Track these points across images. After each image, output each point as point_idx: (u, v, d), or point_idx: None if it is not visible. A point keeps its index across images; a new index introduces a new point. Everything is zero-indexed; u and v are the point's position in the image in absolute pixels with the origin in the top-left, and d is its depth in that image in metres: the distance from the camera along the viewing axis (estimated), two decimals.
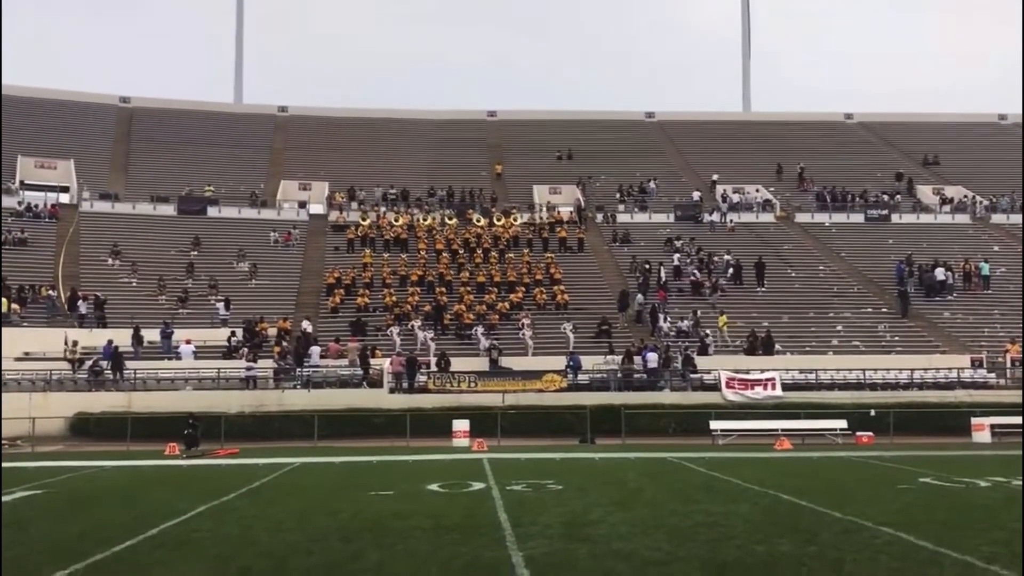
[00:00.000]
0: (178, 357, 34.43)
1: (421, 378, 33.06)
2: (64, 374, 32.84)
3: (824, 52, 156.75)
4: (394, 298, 39.85)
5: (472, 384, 32.78)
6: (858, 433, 28.53)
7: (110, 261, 43.45)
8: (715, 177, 58.02)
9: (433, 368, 33.58)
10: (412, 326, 37.14)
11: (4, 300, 36.15)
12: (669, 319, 38.60)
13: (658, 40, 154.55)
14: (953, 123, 68.97)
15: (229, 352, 34.87)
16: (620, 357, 34.37)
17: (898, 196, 56.16)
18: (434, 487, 16.25)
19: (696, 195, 55.35)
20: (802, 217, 53.21)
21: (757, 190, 56.31)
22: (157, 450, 25.97)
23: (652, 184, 56.94)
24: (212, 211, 50.75)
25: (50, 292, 38.36)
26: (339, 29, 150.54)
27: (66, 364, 33.22)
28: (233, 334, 35.78)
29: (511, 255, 45.33)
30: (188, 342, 34.73)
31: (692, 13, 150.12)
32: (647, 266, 43.29)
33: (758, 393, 32.43)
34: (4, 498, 15.23)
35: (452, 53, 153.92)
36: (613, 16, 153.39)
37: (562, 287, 41.67)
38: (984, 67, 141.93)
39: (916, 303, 41.44)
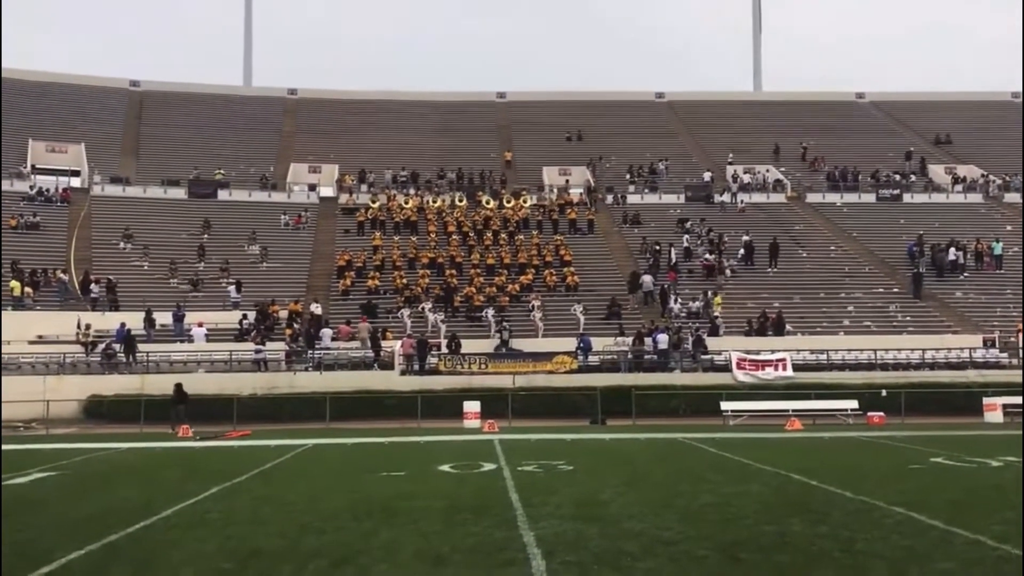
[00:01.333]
0: (190, 340, 34.59)
1: (432, 360, 33.14)
2: (77, 357, 33.04)
3: (835, 31, 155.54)
4: (404, 280, 39.90)
5: (483, 366, 32.84)
6: (869, 413, 28.47)
7: (122, 244, 43.59)
8: (731, 157, 57.73)
9: (444, 350, 33.65)
10: (423, 308, 37.19)
11: (16, 284, 36.37)
12: (680, 300, 38.54)
13: (668, 19, 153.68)
14: (965, 102, 68.34)
15: (241, 335, 35.00)
16: (631, 338, 34.37)
17: (912, 176, 55.80)
18: (445, 468, 16.32)
19: (707, 176, 55.12)
20: (813, 197, 52.94)
21: (768, 170, 56.06)
22: (170, 432, 26.13)
23: (662, 165, 56.72)
24: (223, 194, 50.84)
25: (61, 275, 38.53)
26: (348, 11, 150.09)
27: (79, 347, 33.42)
28: (245, 317, 35.90)
29: (521, 237, 45.27)
30: (200, 325, 34.87)
31: None
32: (657, 247, 43.18)
33: (769, 374, 32.39)
34: (19, 480, 15.37)
35: (462, 34, 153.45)
36: None
37: (572, 269, 41.62)
38: (997, 45, 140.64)
39: (928, 283, 41.26)
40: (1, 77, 55.76)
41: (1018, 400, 28.71)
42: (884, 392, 30.01)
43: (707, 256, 42.96)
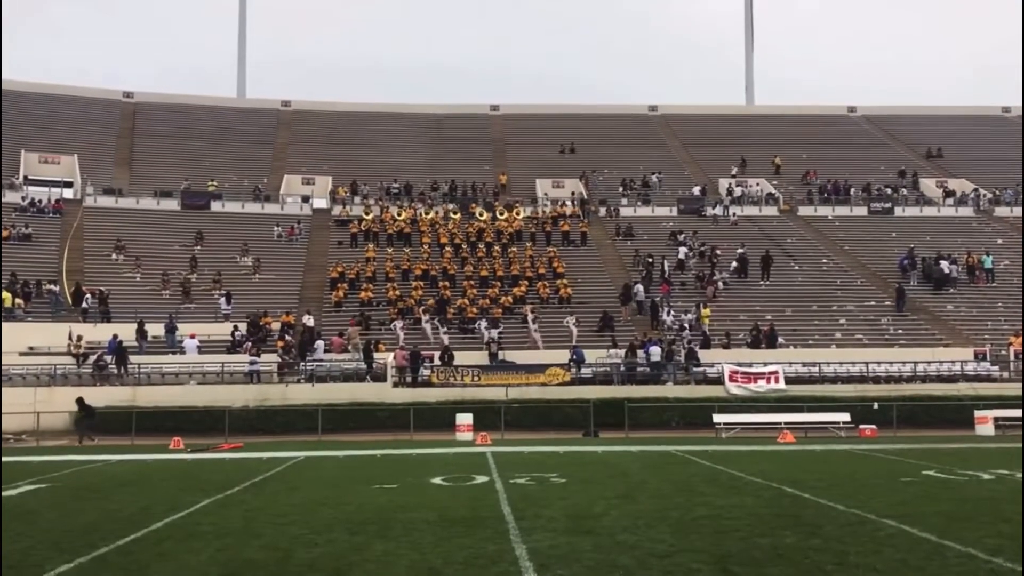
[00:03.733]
0: (182, 351, 34.50)
1: (425, 372, 33.09)
2: (69, 369, 32.95)
3: (827, 45, 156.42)
4: (397, 292, 39.88)
5: (475, 378, 32.82)
6: (861, 426, 28.54)
7: (114, 256, 43.49)
8: (734, 171, 57.85)
9: (437, 362, 33.61)
10: (422, 320, 37.06)
11: (8, 295, 36.23)
12: (672, 312, 38.60)
13: (661, 33, 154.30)
14: (956, 116, 68.82)
15: (233, 346, 34.92)
16: (623, 351, 34.40)
17: (903, 189, 56.04)
18: (438, 480, 16.29)
19: (696, 190, 55.19)
20: (805, 210, 53.13)
21: (758, 184, 56.28)
22: (162, 444, 26.05)
23: (655, 177, 56.83)
24: (215, 206, 50.79)
25: (52, 287, 38.39)
26: (342, 23, 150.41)
27: (71, 359, 33.31)
28: (236, 328, 35.81)
29: (514, 249, 45.32)
30: (192, 336, 34.80)
31: (695, 6, 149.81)
32: (650, 259, 43.27)
33: (761, 386, 32.44)
34: (10, 492, 15.29)
35: (455, 47, 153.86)
36: (616, 9, 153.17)
37: (565, 281, 41.66)
38: (988, 59, 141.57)
39: (920, 296, 41.44)
40: (1, 88, 55.65)
41: (1009, 412, 28.83)
42: (876, 405, 30.09)
43: (709, 273, 42.60)
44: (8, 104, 57.04)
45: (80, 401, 29.36)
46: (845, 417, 29.02)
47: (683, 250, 44.95)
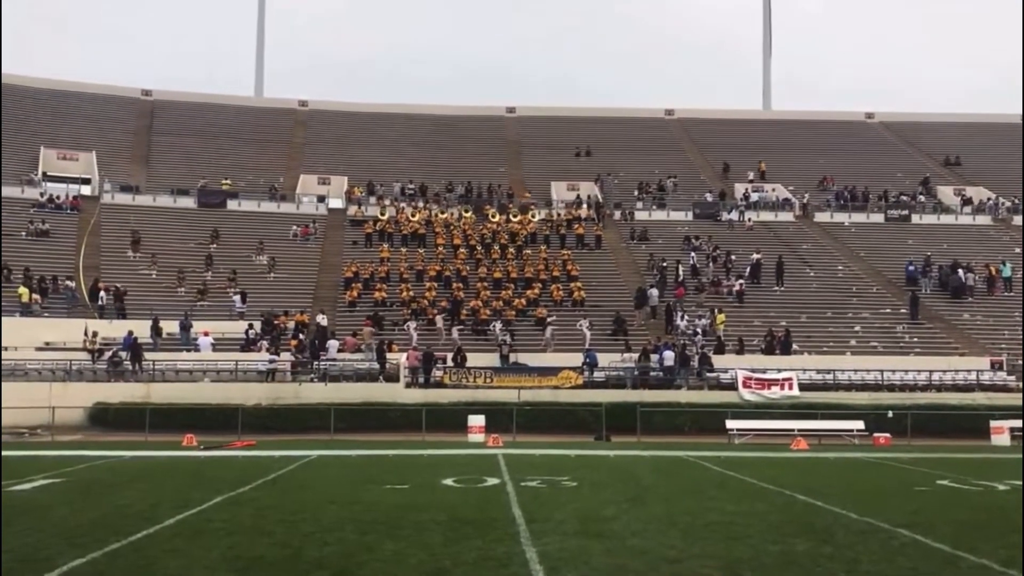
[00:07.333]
0: (196, 349, 34.62)
1: (437, 373, 33.10)
2: (84, 364, 33.13)
3: (845, 51, 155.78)
4: (411, 293, 39.92)
5: (488, 380, 32.79)
6: (875, 434, 28.34)
7: (130, 253, 43.71)
8: (751, 176, 57.65)
9: (449, 363, 33.61)
10: (435, 320, 37.05)
11: (25, 290, 36.48)
12: (686, 317, 38.48)
13: (678, 37, 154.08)
14: (975, 123, 68.32)
15: (247, 345, 35.03)
16: (637, 355, 34.32)
17: (921, 196, 55.69)
18: (449, 481, 16.26)
19: (709, 196, 54.94)
20: (821, 216, 52.90)
21: (774, 189, 56.10)
22: (175, 441, 26.10)
23: (671, 182, 56.64)
24: (232, 204, 51.00)
25: (68, 283, 38.63)
26: (360, 24, 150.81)
27: (86, 354, 33.50)
28: (251, 327, 35.91)
29: (528, 251, 45.30)
30: (206, 334, 34.92)
31: (713, 10, 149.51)
32: (664, 264, 43.15)
33: (775, 393, 32.29)
34: (23, 486, 15.38)
35: (472, 48, 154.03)
36: (633, 12, 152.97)
37: (579, 284, 41.61)
38: (1007, 67, 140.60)
39: (936, 304, 41.19)
40: (1, 82, 55.86)
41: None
42: (890, 413, 29.88)
43: (740, 281, 42.28)
44: (26, 101, 57.49)
45: None
46: (859, 425, 28.86)
47: (694, 255, 44.81)
